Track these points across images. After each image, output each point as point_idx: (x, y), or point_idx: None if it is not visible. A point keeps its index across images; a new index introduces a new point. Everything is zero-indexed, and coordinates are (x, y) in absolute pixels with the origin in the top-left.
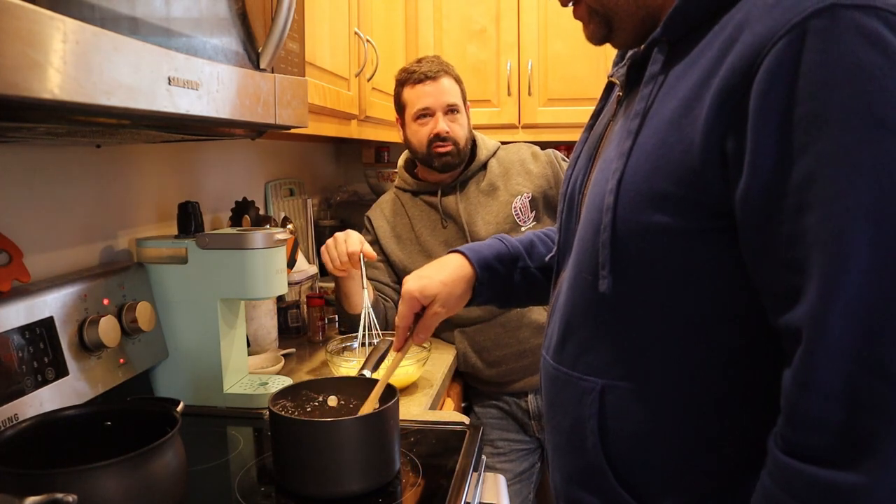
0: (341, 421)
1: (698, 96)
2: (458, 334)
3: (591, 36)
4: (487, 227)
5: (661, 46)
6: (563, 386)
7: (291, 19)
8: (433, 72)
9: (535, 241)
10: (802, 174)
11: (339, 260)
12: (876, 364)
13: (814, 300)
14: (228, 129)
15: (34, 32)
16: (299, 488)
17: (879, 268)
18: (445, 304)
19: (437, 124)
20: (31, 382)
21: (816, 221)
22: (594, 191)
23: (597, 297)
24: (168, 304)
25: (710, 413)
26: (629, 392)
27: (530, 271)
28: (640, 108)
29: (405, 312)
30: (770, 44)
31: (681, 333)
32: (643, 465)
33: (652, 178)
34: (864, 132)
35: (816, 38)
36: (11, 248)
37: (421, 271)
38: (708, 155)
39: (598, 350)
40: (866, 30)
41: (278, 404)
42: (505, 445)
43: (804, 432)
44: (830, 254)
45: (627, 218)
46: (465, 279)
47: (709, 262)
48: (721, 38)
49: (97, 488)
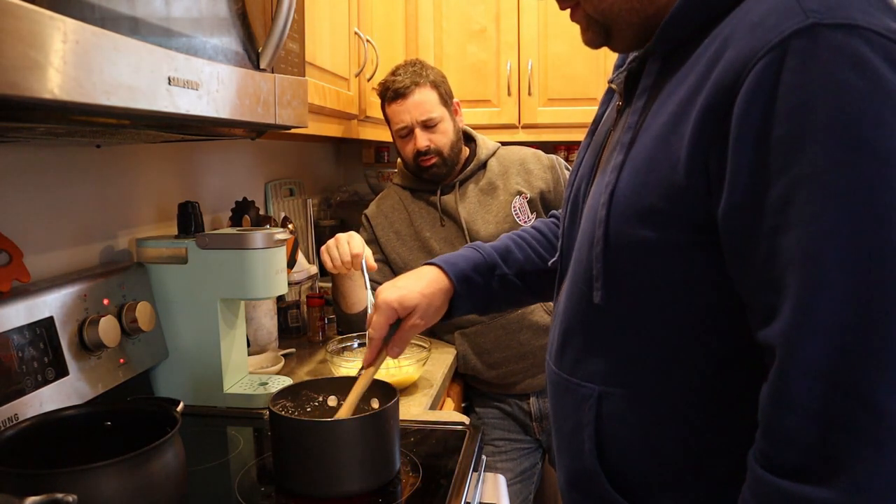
0: (341, 421)
1: (685, 112)
2: (458, 336)
3: (588, 41)
4: (487, 226)
5: (655, 59)
6: (564, 391)
7: (291, 19)
8: (405, 87)
9: (512, 246)
10: (779, 195)
11: (340, 260)
12: (849, 384)
13: (788, 320)
14: (228, 129)
15: (34, 32)
16: (299, 488)
17: (853, 290)
18: (424, 315)
19: (416, 141)
20: (31, 382)
21: (792, 243)
22: (591, 202)
23: (591, 307)
24: (168, 304)
25: (702, 422)
26: (624, 399)
27: (508, 279)
28: (633, 121)
29: (381, 323)
30: (752, 63)
31: (672, 344)
32: (638, 472)
33: (641, 192)
34: (840, 155)
35: (796, 59)
36: (11, 248)
37: (396, 281)
38: (692, 172)
39: (594, 358)
40: (847, 51)
41: (278, 404)
42: (505, 444)
43: (780, 448)
44: (805, 275)
45: (619, 231)
46: (443, 291)
47: (697, 276)
48: (708, 53)
49: (97, 488)
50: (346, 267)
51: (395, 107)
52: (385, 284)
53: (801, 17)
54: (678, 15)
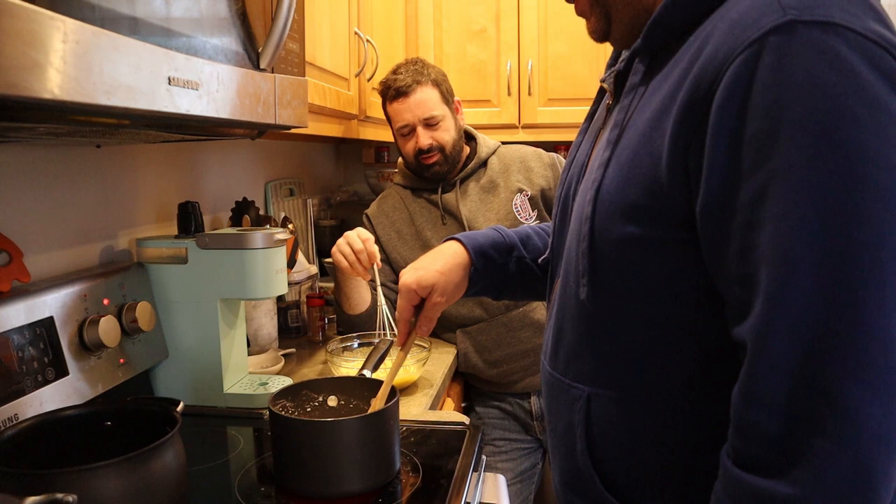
0: (341, 421)
1: (667, 109)
2: (459, 334)
3: (592, 30)
4: (488, 223)
5: (643, 57)
6: (557, 391)
7: (291, 19)
8: (406, 85)
9: (532, 234)
10: (753, 191)
11: (354, 257)
12: (815, 381)
13: (758, 315)
14: (228, 128)
15: (34, 32)
16: (299, 488)
17: (822, 287)
18: (444, 293)
19: (418, 140)
20: (31, 382)
21: (765, 239)
22: (579, 200)
23: (580, 305)
24: (168, 304)
25: (688, 421)
26: (611, 400)
27: (525, 262)
28: (620, 118)
29: (404, 306)
30: (730, 59)
31: (657, 342)
32: (628, 471)
33: (625, 189)
34: (813, 151)
35: (773, 55)
36: (11, 248)
37: (416, 263)
38: (672, 168)
39: (583, 358)
40: (823, 47)
41: (278, 404)
42: (506, 444)
43: (747, 442)
44: (776, 271)
45: (604, 228)
46: (462, 266)
47: (680, 273)
48: (690, 51)
49: (97, 488)
50: (364, 264)
51: (397, 105)
52: (406, 268)
53: (779, 14)
54: (664, 14)
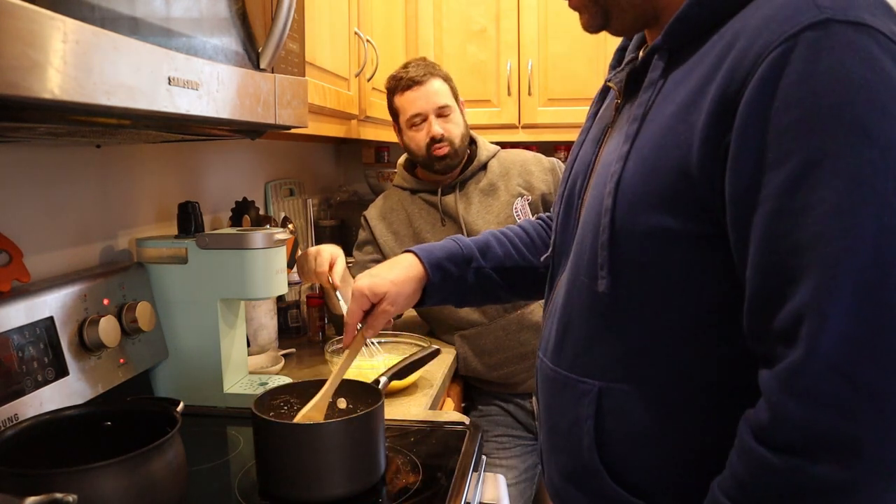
0: (323, 424)
1: (695, 102)
2: (457, 339)
3: (587, 24)
4: (488, 226)
5: (662, 53)
6: (561, 388)
7: (291, 19)
8: (420, 76)
9: (492, 241)
10: (786, 179)
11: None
12: (856, 373)
13: (798, 305)
14: (228, 128)
15: (34, 32)
16: (279, 492)
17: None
18: (394, 303)
19: (430, 128)
20: (31, 382)
21: (800, 229)
22: (593, 194)
23: (595, 299)
24: (168, 304)
25: (707, 414)
26: (627, 394)
27: (484, 272)
28: (639, 112)
29: (354, 310)
30: (766, 53)
31: (678, 335)
32: (640, 466)
33: (648, 180)
34: (846, 140)
35: (808, 49)
36: (11, 248)
37: (372, 270)
38: (703, 159)
39: (596, 352)
40: (857, 45)
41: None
42: (509, 441)
43: (779, 426)
44: (816, 262)
45: (625, 220)
46: (415, 279)
47: (704, 264)
48: (719, 46)
49: (97, 488)
50: (317, 280)
51: (411, 94)
52: (363, 273)
53: (815, 12)
54: (688, 12)
